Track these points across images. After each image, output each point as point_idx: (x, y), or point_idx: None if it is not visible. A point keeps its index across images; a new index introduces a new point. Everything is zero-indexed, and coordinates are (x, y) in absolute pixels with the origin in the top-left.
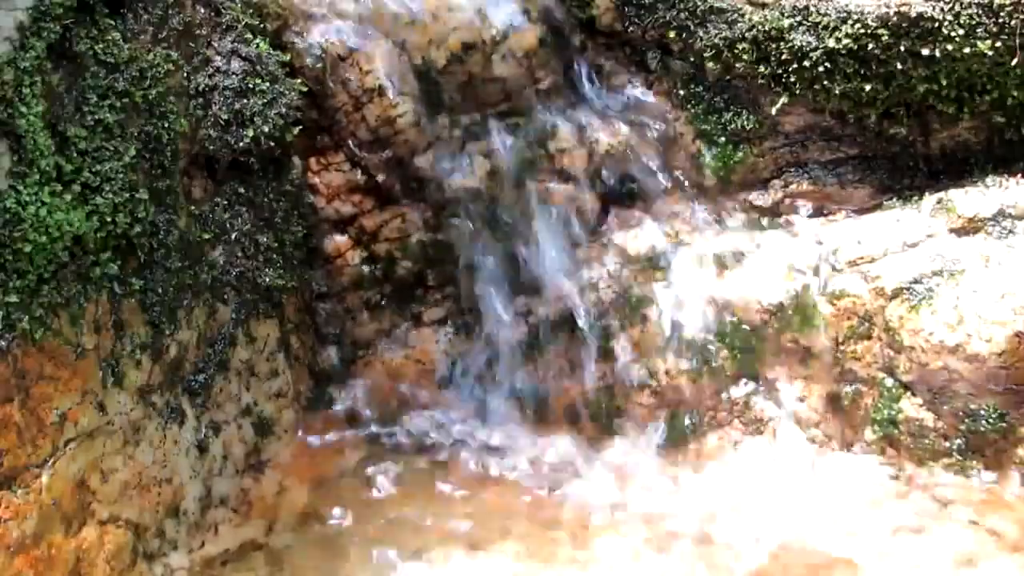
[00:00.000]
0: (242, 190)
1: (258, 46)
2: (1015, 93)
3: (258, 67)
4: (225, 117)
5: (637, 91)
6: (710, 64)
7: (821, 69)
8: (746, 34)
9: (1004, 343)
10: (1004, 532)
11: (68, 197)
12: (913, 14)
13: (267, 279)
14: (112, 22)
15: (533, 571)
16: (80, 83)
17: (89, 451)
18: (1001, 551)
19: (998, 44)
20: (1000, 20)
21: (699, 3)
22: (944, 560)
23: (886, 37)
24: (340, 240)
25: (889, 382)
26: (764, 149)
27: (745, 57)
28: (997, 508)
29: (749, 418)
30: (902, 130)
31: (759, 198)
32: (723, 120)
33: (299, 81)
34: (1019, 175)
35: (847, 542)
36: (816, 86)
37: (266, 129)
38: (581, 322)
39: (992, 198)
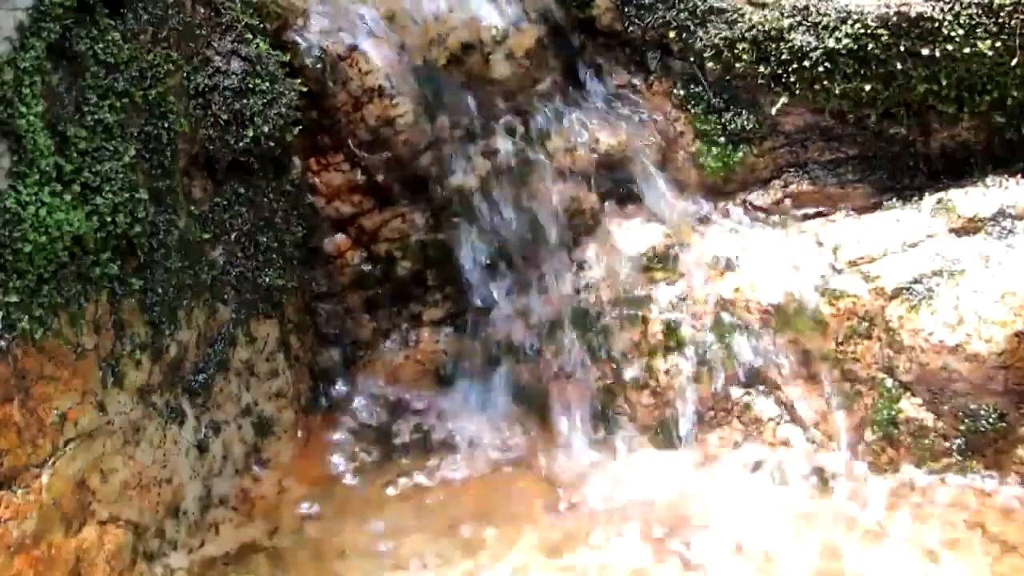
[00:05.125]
0: (242, 190)
1: (258, 46)
2: (1015, 93)
3: (258, 67)
4: (225, 117)
5: (637, 91)
6: (710, 64)
7: (821, 69)
8: (746, 34)
9: (1004, 343)
10: (1003, 533)
11: (68, 197)
12: (913, 14)
13: (267, 279)
14: (112, 22)
15: (539, 570)
16: (80, 83)
17: (89, 451)
18: (1001, 552)
19: (998, 44)
20: (1000, 20)
21: (699, 3)
22: (940, 562)
23: (886, 37)
24: (340, 240)
25: (889, 382)
26: (764, 149)
27: (745, 57)
28: (996, 509)
29: (749, 418)
30: (902, 130)
31: (759, 198)
32: (723, 120)
33: (299, 81)
34: (1019, 175)
35: (836, 545)
36: (816, 86)
37: (266, 129)
38: (581, 322)
39: (992, 198)
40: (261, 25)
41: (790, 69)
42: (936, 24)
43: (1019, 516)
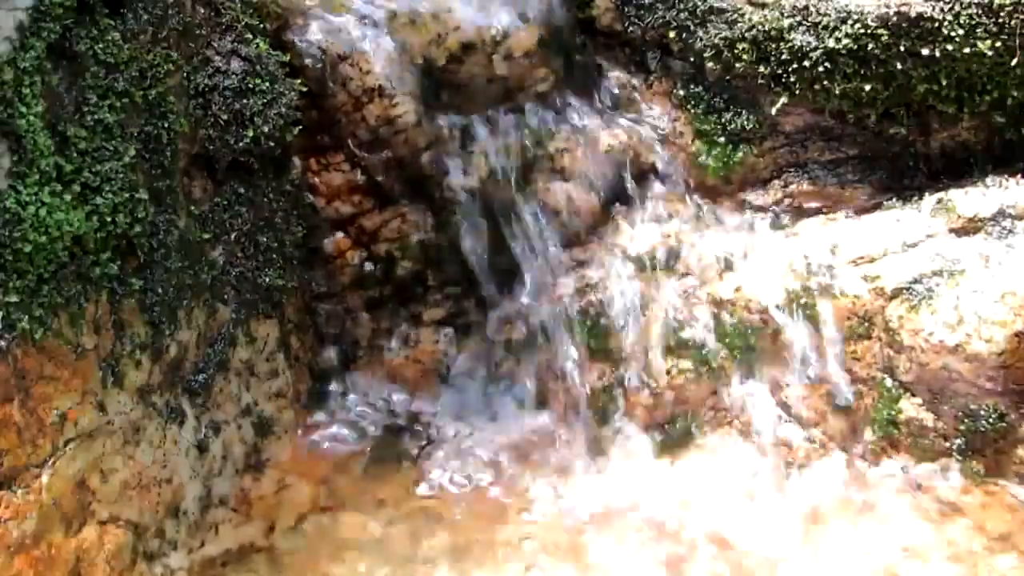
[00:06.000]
0: (242, 190)
1: (258, 46)
2: (1015, 93)
3: (258, 67)
4: (225, 117)
5: (637, 91)
6: (710, 64)
7: (821, 69)
8: (746, 34)
9: (1004, 343)
10: (1003, 533)
11: (68, 197)
12: (913, 14)
13: (267, 279)
14: (112, 22)
15: (537, 569)
16: (80, 83)
17: (89, 451)
18: (1001, 552)
19: (998, 44)
20: (1000, 20)
21: (699, 3)
22: (941, 562)
23: (886, 37)
24: (340, 240)
25: (889, 382)
26: (764, 149)
27: (745, 57)
28: (996, 509)
29: (749, 418)
30: (902, 130)
31: (759, 198)
32: (723, 120)
33: (299, 81)
34: (1019, 175)
35: (836, 544)
36: (816, 86)
37: (266, 129)
38: (581, 322)
39: (992, 198)
40: (261, 25)
41: (790, 69)
42: (936, 24)
43: (1019, 515)
